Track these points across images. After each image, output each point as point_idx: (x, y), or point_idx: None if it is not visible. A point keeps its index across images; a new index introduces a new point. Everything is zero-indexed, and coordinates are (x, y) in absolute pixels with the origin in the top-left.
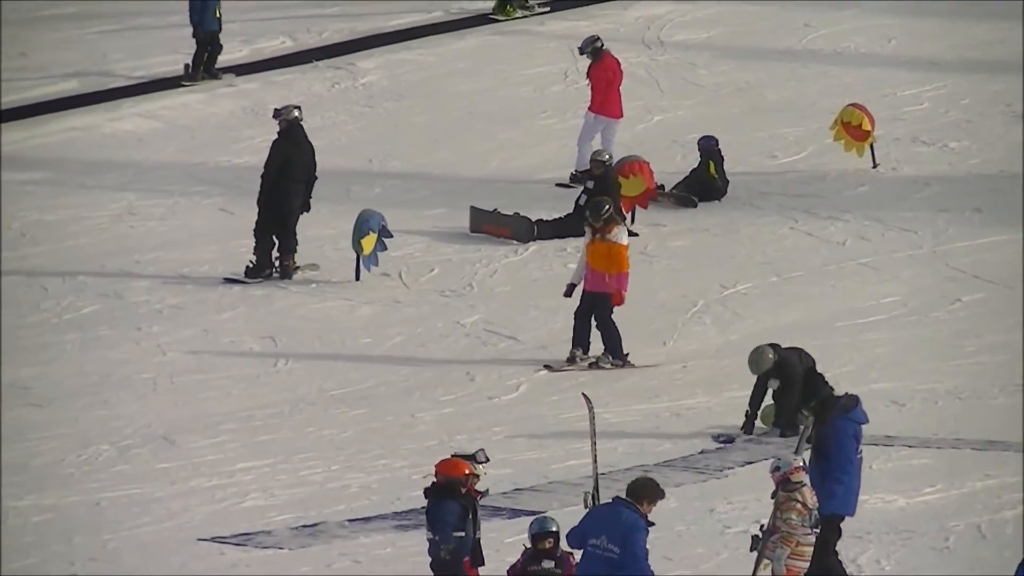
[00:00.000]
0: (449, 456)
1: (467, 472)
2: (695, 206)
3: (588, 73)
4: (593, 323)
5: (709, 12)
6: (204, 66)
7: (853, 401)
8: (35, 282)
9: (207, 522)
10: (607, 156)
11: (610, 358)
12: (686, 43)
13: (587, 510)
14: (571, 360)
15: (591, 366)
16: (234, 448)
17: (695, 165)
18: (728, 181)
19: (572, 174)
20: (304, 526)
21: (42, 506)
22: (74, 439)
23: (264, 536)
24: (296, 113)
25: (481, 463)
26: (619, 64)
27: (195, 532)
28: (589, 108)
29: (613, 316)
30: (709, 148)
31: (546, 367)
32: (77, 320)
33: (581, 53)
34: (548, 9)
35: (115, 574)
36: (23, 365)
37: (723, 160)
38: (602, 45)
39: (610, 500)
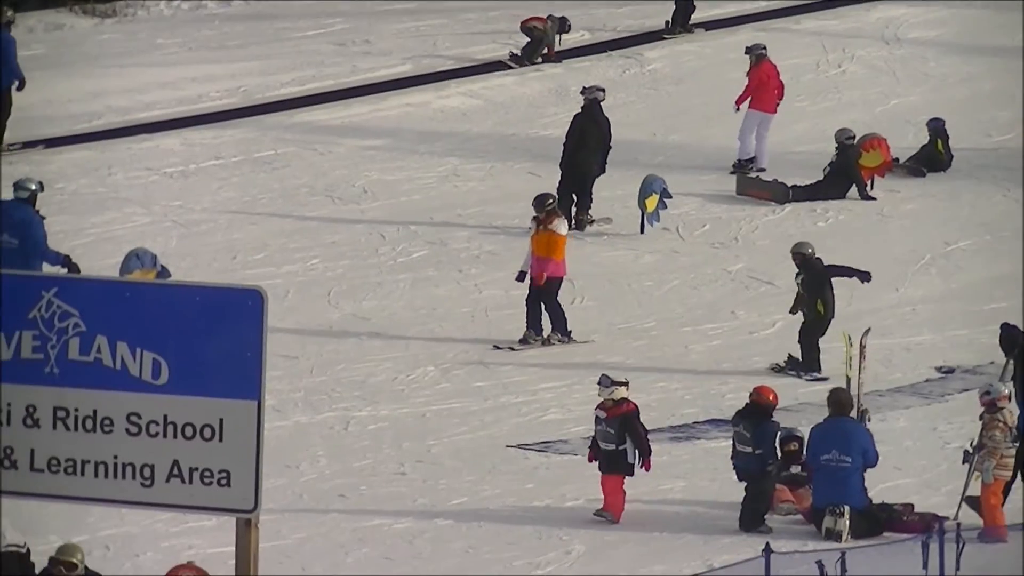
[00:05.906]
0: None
1: (775, 399)
2: (924, 176)
3: (748, 73)
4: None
5: (939, 14)
6: (680, 23)
7: None
8: (375, 230)
9: (514, 432)
10: (852, 133)
11: (558, 335)
12: (919, 40)
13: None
14: (524, 340)
15: (544, 344)
16: (537, 371)
17: (925, 142)
18: (952, 156)
19: (735, 163)
20: None
21: (377, 416)
22: (405, 361)
23: (561, 444)
24: (598, 95)
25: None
26: (776, 70)
27: (504, 440)
28: (749, 105)
29: (559, 296)
30: (937, 128)
31: (510, 347)
32: (408, 263)
33: (747, 53)
34: None
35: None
36: (364, 299)
37: (948, 138)
38: (765, 52)
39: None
